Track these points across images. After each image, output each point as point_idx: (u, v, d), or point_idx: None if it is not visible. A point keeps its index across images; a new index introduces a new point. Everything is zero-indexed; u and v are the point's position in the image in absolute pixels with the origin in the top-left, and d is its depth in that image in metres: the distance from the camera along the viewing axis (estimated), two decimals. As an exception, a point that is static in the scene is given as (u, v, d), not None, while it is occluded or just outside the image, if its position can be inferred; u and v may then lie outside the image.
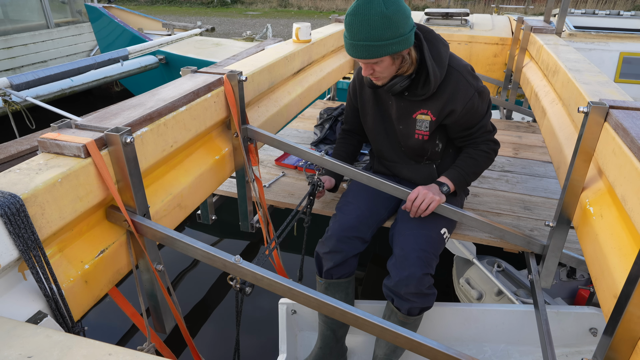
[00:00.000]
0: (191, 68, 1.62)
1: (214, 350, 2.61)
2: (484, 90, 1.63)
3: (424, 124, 1.66)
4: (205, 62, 5.25)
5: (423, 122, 1.66)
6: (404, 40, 1.42)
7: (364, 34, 1.38)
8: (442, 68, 1.55)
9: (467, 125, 1.65)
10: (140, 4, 19.62)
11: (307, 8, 18.75)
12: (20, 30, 6.34)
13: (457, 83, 1.57)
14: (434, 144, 1.72)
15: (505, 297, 2.30)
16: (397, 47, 1.42)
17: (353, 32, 1.41)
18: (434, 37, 1.57)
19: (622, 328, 0.91)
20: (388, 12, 1.36)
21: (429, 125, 1.66)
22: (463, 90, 1.57)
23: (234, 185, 1.89)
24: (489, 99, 1.67)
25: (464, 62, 1.63)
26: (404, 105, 1.66)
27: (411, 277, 1.54)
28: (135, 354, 0.66)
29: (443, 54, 1.55)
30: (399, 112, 1.69)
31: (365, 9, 1.37)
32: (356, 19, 1.39)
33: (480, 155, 1.69)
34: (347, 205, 1.78)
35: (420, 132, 1.68)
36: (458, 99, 1.58)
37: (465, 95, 1.57)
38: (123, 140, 1.04)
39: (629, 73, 4.16)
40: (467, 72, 1.59)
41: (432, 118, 1.64)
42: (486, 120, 1.67)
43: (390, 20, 1.36)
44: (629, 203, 1.01)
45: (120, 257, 1.13)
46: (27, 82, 4.12)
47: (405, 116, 1.68)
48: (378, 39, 1.38)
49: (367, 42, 1.39)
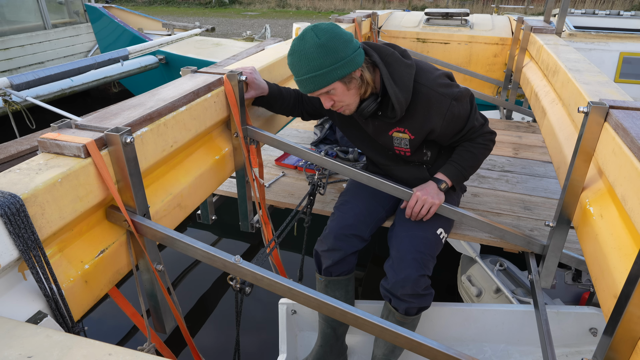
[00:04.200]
0: (191, 68, 1.62)
1: (214, 350, 2.61)
2: (460, 92, 1.53)
3: (402, 142, 1.63)
4: (205, 62, 5.25)
5: (402, 140, 1.63)
6: (347, 63, 1.39)
7: (305, 68, 1.38)
8: (406, 91, 1.49)
9: (455, 131, 1.60)
10: (137, 4, 19.62)
11: (305, 8, 18.76)
12: (17, 32, 6.32)
13: (429, 99, 1.51)
14: (420, 155, 1.69)
15: (503, 295, 2.32)
16: (342, 71, 1.39)
17: (295, 69, 1.42)
18: (394, 60, 1.50)
19: (622, 328, 0.91)
20: (321, 41, 1.35)
21: (408, 142, 1.62)
22: (437, 105, 1.51)
23: (234, 185, 1.89)
24: (470, 96, 1.59)
25: (435, 73, 1.55)
26: (378, 124, 1.63)
27: (407, 279, 1.54)
28: (135, 354, 0.66)
29: (405, 76, 1.49)
30: (376, 130, 1.66)
31: (300, 45, 1.38)
32: (295, 57, 1.40)
33: (476, 148, 1.64)
34: (345, 204, 1.79)
35: (400, 148, 1.66)
36: (433, 114, 1.53)
37: (440, 108, 1.52)
38: (123, 140, 1.04)
39: (629, 73, 4.16)
40: (437, 85, 1.51)
41: (410, 137, 1.60)
42: (472, 119, 1.60)
43: (325, 47, 1.36)
44: (629, 203, 1.01)
45: (120, 257, 1.13)
46: (27, 82, 4.12)
47: (382, 133, 1.65)
48: (319, 68, 1.37)
49: (310, 75, 1.39)
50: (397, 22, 4.02)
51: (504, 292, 2.31)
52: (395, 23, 4.00)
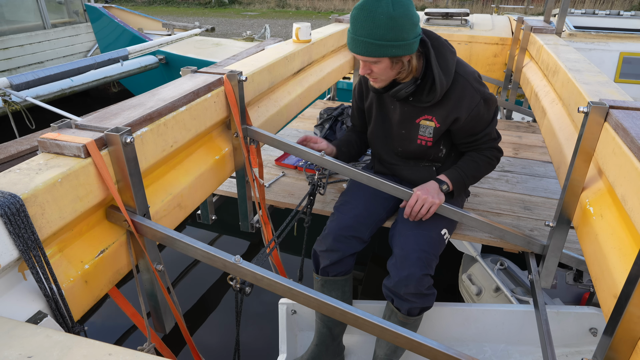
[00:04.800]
0: (191, 68, 1.62)
1: (214, 350, 2.61)
2: (491, 97, 1.61)
3: (427, 130, 1.66)
4: (205, 62, 5.25)
5: (427, 128, 1.65)
6: (406, 46, 1.41)
7: (367, 31, 1.37)
8: (449, 75, 1.54)
9: (472, 131, 1.65)
10: (137, 4, 19.61)
11: (305, 8, 18.75)
12: (16, 31, 6.31)
13: (463, 90, 1.57)
14: (437, 149, 1.72)
15: (503, 293, 2.34)
16: (398, 51, 1.41)
17: (357, 26, 1.40)
18: (441, 44, 1.55)
19: (622, 328, 0.91)
20: (395, 13, 1.35)
21: (432, 131, 1.65)
22: (469, 97, 1.57)
23: (234, 185, 1.89)
24: (496, 107, 1.66)
25: (471, 68, 1.62)
26: (407, 110, 1.66)
27: (411, 277, 1.54)
28: (135, 354, 0.66)
29: (450, 61, 1.54)
30: (402, 117, 1.68)
31: (372, 5, 1.36)
32: (362, 13, 1.38)
33: (482, 160, 1.69)
34: (345, 204, 1.78)
35: (424, 137, 1.68)
36: (463, 105, 1.57)
37: (471, 102, 1.57)
38: (123, 140, 1.04)
39: (629, 73, 4.16)
40: (474, 79, 1.59)
41: (436, 125, 1.64)
42: (491, 127, 1.66)
43: (395, 22, 1.35)
44: (629, 203, 1.01)
45: (120, 257, 1.13)
46: (27, 82, 4.12)
47: (409, 121, 1.67)
48: (380, 38, 1.37)
49: (368, 39, 1.38)
50: None
51: (503, 291, 2.33)
52: None
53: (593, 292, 2.12)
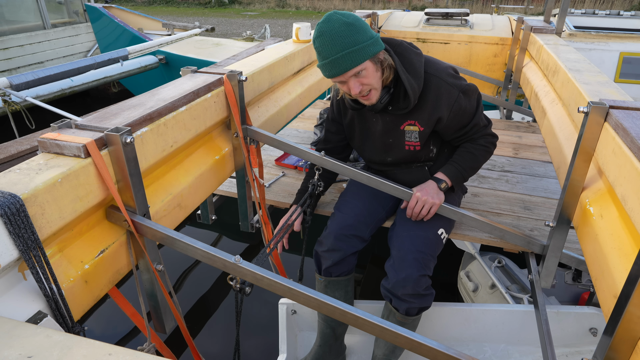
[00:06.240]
0: (191, 68, 1.62)
1: (214, 350, 2.61)
2: (469, 87, 1.57)
3: (413, 135, 1.64)
4: (205, 62, 5.25)
5: (412, 133, 1.64)
6: (375, 41, 1.40)
7: (339, 46, 1.36)
8: (419, 78, 1.51)
9: (459, 126, 1.62)
10: (137, 4, 19.61)
11: (305, 8, 18.76)
12: (16, 31, 6.31)
13: (438, 88, 1.54)
14: (427, 150, 1.70)
15: (498, 290, 2.37)
16: (374, 48, 1.40)
17: (327, 50, 1.37)
18: (404, 49, 1.53)
19: (622, 328, 0.91)
20: (349, 20, 1.36)
21: (418, 135, 1.63)
22: (446, 94, 1.54)
23: (234, 185, 1.89)
24: (477, 94, 1.62)
25: (443, 64, 1.59)
26: (389, 119, 1.64)
27: (408, 278, 1.54)
28: (135, 354, 0.66)
29: (416, 64, 1.52)
30: (386, 127, 1.66)
31: (327, 26, 1.37)
32: (325, 37, 1.37)
33: (477, 150, 1.66)
34: (345, 204, 1.79)
35: (411, 143, 1.66)
36: (442, 104, 1.55)
37: (449, 98, 1.54)
38: (123, 140, 1.04)
39: (629, 73, 4.16)
40: (447, 75, 1.55)
41: (420, 128, 1.62)
42: (478, 116, 1.63)
43: (354, 26, 1.36)
44: (629, 203, 1.01)
45: (120, 257, 1.13)
46: (26, 82, 4.12)
47: (393, 129, 1.65)
48: (353, 44, 1.36)
49: (345, 51, 1.36)
50: (397, 22, 4.02)
51: (499, 287, 2.35)
52: (395, 23, 4.01)
53: (593, 292, 2.12)
